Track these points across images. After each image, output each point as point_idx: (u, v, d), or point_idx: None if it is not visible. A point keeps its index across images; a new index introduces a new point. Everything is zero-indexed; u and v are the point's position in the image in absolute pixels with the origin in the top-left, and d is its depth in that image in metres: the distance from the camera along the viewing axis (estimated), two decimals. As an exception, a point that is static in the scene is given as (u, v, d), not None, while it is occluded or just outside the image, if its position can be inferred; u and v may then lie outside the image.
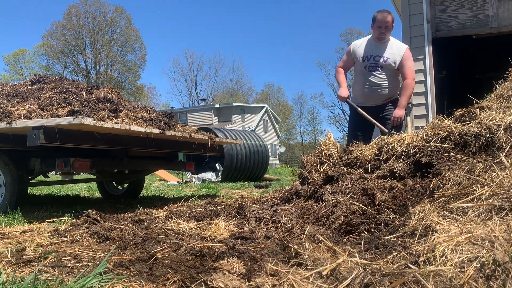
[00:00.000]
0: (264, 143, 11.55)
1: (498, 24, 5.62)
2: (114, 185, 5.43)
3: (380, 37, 3.90)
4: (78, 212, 3.40)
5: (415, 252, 1.56)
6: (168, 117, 4.27)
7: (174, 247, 1.98)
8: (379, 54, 3.93)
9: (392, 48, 3.95)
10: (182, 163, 5.14)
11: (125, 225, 2.58)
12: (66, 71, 41.97)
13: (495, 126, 2.39)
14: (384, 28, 3.85)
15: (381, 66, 3.94)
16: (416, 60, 5.90)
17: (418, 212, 2.01)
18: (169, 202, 4.52)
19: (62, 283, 1.42)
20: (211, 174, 10.58)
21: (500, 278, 1.23)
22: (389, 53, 3.93)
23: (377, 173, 2.64)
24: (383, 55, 3.92)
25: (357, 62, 4.05)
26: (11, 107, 3.55)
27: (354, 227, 2.19)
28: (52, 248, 2.04)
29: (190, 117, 33.15)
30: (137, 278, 1.52)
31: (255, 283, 1.43)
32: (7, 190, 3.60)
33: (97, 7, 42.09)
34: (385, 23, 3.82)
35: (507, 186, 1.84)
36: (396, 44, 3.99)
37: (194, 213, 2.90)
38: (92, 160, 3.66)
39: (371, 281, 1.33)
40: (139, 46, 44.50)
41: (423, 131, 2.73)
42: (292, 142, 56.22)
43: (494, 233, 1.49)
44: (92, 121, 3.00)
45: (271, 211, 2.59)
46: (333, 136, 3.25)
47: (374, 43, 3.97)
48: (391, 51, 3.93)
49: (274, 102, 55.19)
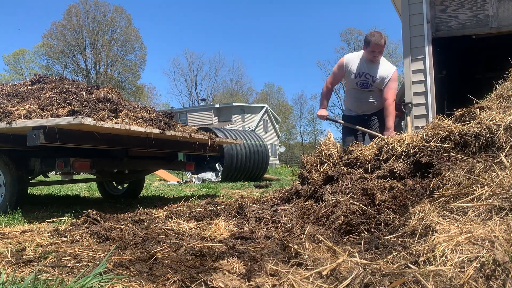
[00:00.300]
0: (264, 143, 11.55)
1: (498, 24, 5.62)
2: (114, 185, 5.43)
3: (374, 60, 4.01)
4: (78, 212, 3.40)
5: (415, 252, 1.56)
6: (168, 117, 4.28)
7: (174, 247, 1.98)
8: (370, 73, 4.06)
9: (381, 70, 4.08)
10: (182, 163, 5.14)
11: (125, 225, 2.58)
12: (66, 71, 42.01)
13: (495, 126, 2.39)
14: (377, 52, 3.94)
15: (371, 84, 4.10)
16: (416, 60, 5.91)
17: (418, 212, 2.01)
18: (169, 202, 4.52)
19: (62, 283, 1.42)
20: (211, 174, 10.58)
21: (500, 278, 1.23)
22: (378, 74, 4.06)
23: (377, 173, 2.64)
24: (373, 75, 4.06)
25: (348, 77, 4.16)
26: (11, 107, 3.55)
27: (354, 227, 2.19)
28: (52, 248, 2.04)
29: (190, 117, 33.15)
30: (137, 278, 1.52)
31: (255, 283, 1.43)
32: (7, 190, 3.60)
33: (97, 7, 42.13)
34: (379, 47, 3.91)
35: (507, 186, 1.84)
36: (385, 66, 4.11)
37: (194, 213, 2.90)
38: (92, 160, 3.66)
39: (371, 281, 1.33)
40: (139, 46, 44.54)
41: (423, 131, 2.73)
42: (292, 142, 56.23)
43: (494, 233, 1.49)
44: (92, 121, 3.00)
45: (271, 211, 2.59)
46: (333, 136, 3.25)
47: (366, 61, 4.07)
48: (380, 74, 4.06)
49: (274, 102, 55.20)
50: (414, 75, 5.89)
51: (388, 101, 4.02)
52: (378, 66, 4.06)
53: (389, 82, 4.05)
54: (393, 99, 4.06)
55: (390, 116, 3.99)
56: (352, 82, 4.15)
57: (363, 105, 4.20)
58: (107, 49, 42.37)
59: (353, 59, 4.14)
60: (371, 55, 3.97)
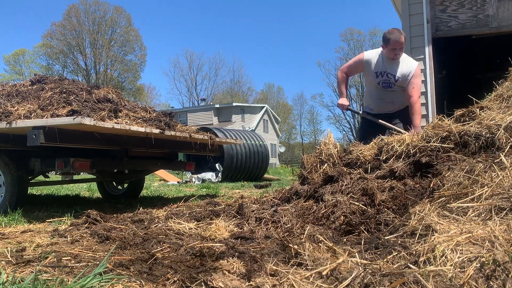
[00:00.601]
0: (264, 143, 11.55)
1: (498, 24, 5.62)
2: (114, 185, 5.43)
3: (395, 58, 3.85)
4: (78, 212, 3.40)
5: (415, 252, 1.56)
6: (168, 117, 4.28)
7: (174, 247, 1.98)
8: (392, 72, 3.89)
9: (402, 67, 3.90)
10: (182, 163, 5.14)
11: (125, 225, 2.58)
12: (66, 71, 42.01)
13: (495, 126, 2.39)
14: (398, 49, 3.79)
15: (393, 83, 3.93)
16: (416, 60, 5.91)
17: (418, 212, 2.01)
18: (169, 202, 4.52)
19: (62, 283, 1.42)
20: (211, 174, 10.58)
21: (500, 278, 1.23)
22: (400, 72, 3.89)
23: (377, 173, 2.64)
24: (395, 74, 3.89)
25: (369, 75, 4.01)
26: (11, 107, 3.55)
27: (354, 227, 2.19)
28: (52, 248, 2.04)
29: (190, 117, 33.15)
30: (137, 278, 1.52)
31: (255, 283, 1.43)
32: (7, 190, 3.60)
33: (97, 7, 42.13)
34: (399, 44, 3.75)
35: (507, 186, 1.84)
36: (407, 62, 3.93)
37: (194, 213, 2.90)
38: (92, 160, 3.66)
39: (371, 281, 1.33)
40: (139, 46, 44.54)
41: (423, 131, 2.73)
42: (292, 142, 56.22)
43: (494, 233, 1.49)
44: (92, 121, 3.00)
45: (271, 211, 2.59)
46: (333, 136, 3.25)
47: (386, 60, 3.91)
48: (402, 71, 3.89)
49: (274, 102, 55.19)
50: (414, 75, 5.87)
51: (413, 98, 3.83)
52: (399, 64, 3.89)
53: (412, 79, 3.86)
54: (418, 96, 3.87)
55: (416, 115, 3.80)
56: (373, 80, 3.99)
57: (386, 105, 4.05)
58: (107, 49, 42.38)
59: (373, 56, 3.97)
60: (392, 54, 3.81)
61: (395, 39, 3.73)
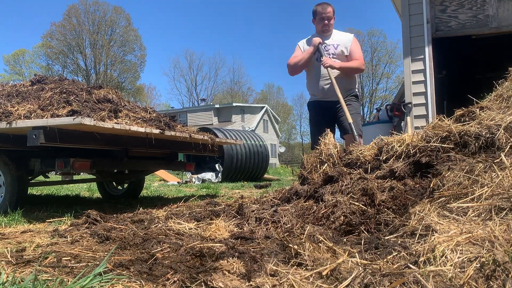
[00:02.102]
0: (264, 143, 11.55)
1: (498, 24, 5.62)
2: (114, 185, 5.43)
3: (324, 29, 3.83)
4: (78, 212, 3.40)
5: (415, 252, 1.56)
6: (168, 117, 4.28)
7: (174, 247, 1.98)
8: (330, 42, 3.85)
9: (339, 36, 3.87)
10: (182, 164, 5.14)
11: (125, 225, 2.58)
12: (66, 71, 42.04)
13: (495, 126, 2.39)
14: (327, 18, 3.79)
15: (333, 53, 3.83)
16: (416, 60, 5.91)
17: (418, 212, 2.01)
18: (169, 202, 4.52)
19: (62, 283, 1.42)
20: (211, 174, 10.58)
21: (500, 278, 1.23)
22: (337, 40, 3.84)
23: (377, 173, 2.64)
24: (332, 43, 3.83)
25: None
26: (11, 107, 3.55)
27: (354, 227, 2.19)
28: (52, 248, 2.04)
29: (190, 117, 33.15)
30: (137, 278, 1.52)
31: (255, 283, 1.43)
32: (7, 190, 3.60)
33: (97, 7, 42.16)
34: (326, 13, 3.77)
35: (507, 186, 1.84)
36: (342, 33, 3.92)
37: (194, 213, 2.90)
38: (92, 160, 3.66)
39: (371, 281, 1.33)
40: (139, 46, 44.57)
41: (423, 131, 2.73)
42: (292, 142, 56.23)
43: (494, 233, 1.49)
44: (92, 121, 3.00)
45: (271, 211, 2.59)
46: (333, 136, 3.24)
47: (319, 35, 3.87)
48: (339, 38, 3.85)
49: (274, 102, 55.21)
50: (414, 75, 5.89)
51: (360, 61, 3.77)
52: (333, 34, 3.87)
53: (353, 45, 3.83)
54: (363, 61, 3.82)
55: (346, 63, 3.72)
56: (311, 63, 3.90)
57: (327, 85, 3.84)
58: (107, 49, 42.39)
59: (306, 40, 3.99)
60: (321, 24, 3.80)
61: (321, 8, 3.78)
